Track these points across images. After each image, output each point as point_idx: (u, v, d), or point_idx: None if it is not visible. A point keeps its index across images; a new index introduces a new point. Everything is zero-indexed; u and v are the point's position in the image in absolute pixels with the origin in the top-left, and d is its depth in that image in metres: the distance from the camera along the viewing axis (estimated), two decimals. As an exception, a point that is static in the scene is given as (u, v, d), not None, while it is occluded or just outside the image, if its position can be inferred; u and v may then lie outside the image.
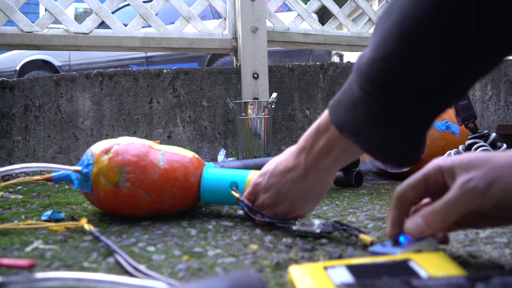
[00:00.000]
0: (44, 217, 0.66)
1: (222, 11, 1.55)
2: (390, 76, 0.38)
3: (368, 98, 0.41)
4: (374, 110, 0.41)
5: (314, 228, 0.52)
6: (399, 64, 0.37)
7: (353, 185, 1.06)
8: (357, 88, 0.42)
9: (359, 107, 0.42)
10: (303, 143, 0.52)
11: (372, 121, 0.42)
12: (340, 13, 1.68)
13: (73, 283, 0.36)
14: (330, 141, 0.48)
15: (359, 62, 0.42)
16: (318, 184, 0.53)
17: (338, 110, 0.45)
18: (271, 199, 0.56)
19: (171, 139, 1.45)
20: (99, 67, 3.74)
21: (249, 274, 0.31)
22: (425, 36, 0.36)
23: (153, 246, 0.52)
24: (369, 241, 0.49)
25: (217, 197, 0.67)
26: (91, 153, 0.65)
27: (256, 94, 1.46)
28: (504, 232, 0.58)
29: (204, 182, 0.67)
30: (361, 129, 0.43)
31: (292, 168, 0.54)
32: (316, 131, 0.50)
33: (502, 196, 0.35)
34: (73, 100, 1.38)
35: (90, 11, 1.44)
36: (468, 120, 0.84)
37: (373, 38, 0.41)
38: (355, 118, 0.43)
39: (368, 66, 0.39)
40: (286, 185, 0.54)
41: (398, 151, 0.44)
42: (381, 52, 0.38)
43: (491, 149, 0.79)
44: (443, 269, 0.35)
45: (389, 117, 0.41)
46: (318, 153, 0.50)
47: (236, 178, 0.66)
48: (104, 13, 1.44)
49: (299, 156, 0.53)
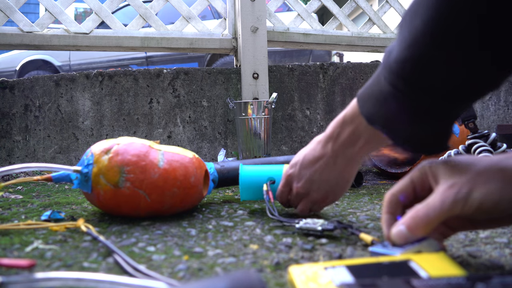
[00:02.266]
0: (44, 217, 0.66)
1: (222, 11, 1.55)
2: (421, 75, 0.39)
3: (399, 94, 0.42)
4: (406, 106, 0.42)
5: (316, 226, 0.54)
6: (430, 61, 0.38)
7: (353, 185, 1.06)
8: (386, 84, 0.43)
9: (389, 101, 0.43)
10: (330, 133, 0.55)
11: (403, 116, 0.43)
12: (340, 13, 1.68)
13: (73, 283, 0.36)
14: (356, 131, 0.51)
15: (388, 59, 0.43)
16: (346, 170, 0.56)
17: (367, 102, 0.47)
18: (304, 188, 0.60)
19: (171, 139, 1.45)
20: (99, 67, 3.74)
21: (249, 274, 0.31)
22: (456, 35, 0.36)
23: (153, 246, 0.52)
24: (369, 240, 0.49)
25: (256, 193, 0.70)
26: (91, 153, 0.65)
27: (256, 94, 1.46)
28: (504, 232, 0.58)
29: (242, 180, 0.70)
30: (391, 122, 0.45)
31: (321, 157, 0.57)
32: (342, 122, 0.53)
33: (484, 201, 0.36)
34: (73, 100, 1.38)
35: (90, 11, 1.43)
36: (468, 120, 0.84)
37: (400, 37, 0.41)
38: (385, 112, 0.44)
39: (399, 64, 0.40)
40: (316, 173, 0.58)
41: (426, 143, 0.45)
42: (412, 51, 0.39)
43: (491, 149, 0.79)
44: (443, 270, 0.35)
45: (421, 113, 0.42)
46: (344, 142, 0.53)
47: (272, 174, 0.69)
48: (104, 13, 1.44)
49: (326, 145, 0.56)
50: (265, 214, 0.71)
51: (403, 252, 0.40)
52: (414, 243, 0.41)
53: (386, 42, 1.72)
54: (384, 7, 1.74)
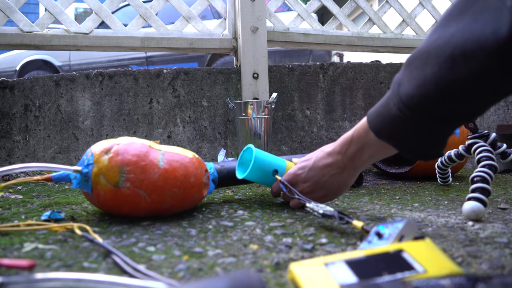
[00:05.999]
0: (44, 217, 0.66)
1: (222, 11, 1.55)
2: (426, 107, 0.50)
3: (405, 117, 0.52)
4: (410, 126, 0.53)
5: (318, 209, 0.60)
6: (434, 102, 0.49)
7: (353, 185, 1.06)
8: (395, 108, 0.53)
9: (395, 121, 0.54)
10: (339, 149, 0.67)
11: (406, 132, 0.54)
12: (340, 13, 1.67)
13: (73, 283, 0.36)
14: (362, 147, 0.63)
15: (398, 90, 0.53)
16: (350, 177, 0.69)
17: (375, 119, 0.58)
18: (309, 188, 0.72)
19: (171, 139, 1.45)
20: (99, 67, 3.74)
21: (249, 274, 0.31)
22: (455, 90, 0.47)
23: (153, 246, 0.52)
24: (360, 226, 0.53)
25: (261, 177, 0.78)
26: (91, 153, 0.65)
27: (256, 94, 1.46)
28: (504, 232, 0.58)
29: (256, 163, 0.77)
30: (396, 136, 0.56)
31: (330, 165, 0.69)
32: (350, 140, 0.64)
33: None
34: (73, 100, 1.38)
35: (90, 11, 1.44)
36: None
37: (410, 74, 0.51)
38: (391, 128, 0.55)
39: (408, 98, 0.51)
40: (324, 177, 0.70)
41: (425, 152, 0.56)
42: (421, 91, 0.49)
43: (491, 149, 0.79)
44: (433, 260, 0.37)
45: (422, 131, 0.53)
46: (352, 156, 0.65)
47: (277, 166, 0.79)
48: (104, 13, 1.44)
49: (336, 156, 0.68)
50: (265, 214, 0.71)
51: (389, 243, 0.43)
52: (395, 230, 0.44)
53: (386, 42, 1.72)
54: (384, 7, 1.74)
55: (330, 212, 0.59)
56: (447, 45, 0.46)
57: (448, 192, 0.99)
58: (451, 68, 0.45)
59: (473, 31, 0.43)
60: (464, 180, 1.19)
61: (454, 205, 0.80)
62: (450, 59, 0.45)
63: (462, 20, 0.45)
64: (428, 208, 0.78)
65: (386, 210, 0.76)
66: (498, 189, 1.02)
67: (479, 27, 0.42)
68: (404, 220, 0.45)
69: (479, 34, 0.42)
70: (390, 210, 0.76)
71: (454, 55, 0.45)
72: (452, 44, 0.45)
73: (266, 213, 0.72)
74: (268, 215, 0.70)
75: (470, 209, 0.66)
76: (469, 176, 1.27)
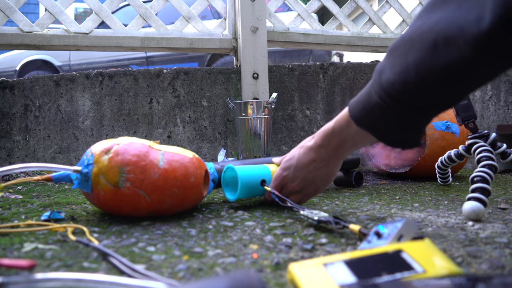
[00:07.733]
0: (44, 217, 0.66)
1: (222, 11, 1.55)
2: (406, 96, 0.50)
3: (385, 105, 0.52)
4: (390, 114, 0.53)
5: (313, 216, 0.60)
6: (414, 89, 0.49)
7: (353, 185, 1.06)
8: (376, 96, 0.53)
9: (375, 109, 0.54)
10: (321, 142, 0.67)
11: (386, 120, 0.54)
12: (340, 13, 1.67)
13: (72, 283, 0.36)
14: (344, 138, 0.63)
15: (379, 77, 0.52)
16: (335, 167, 0.70)
17: (356, 108, 0.57)
18: (299, 186, 0.72)
19: (171, 139, 1.45)
20: (99, 67, 3.74)
21: (249, 274, 0.31)
22: (435, 77, 0.47)
23: (153, 246, 0.52)
24: (357, 229, 0.53)
25: (251, 193, 0.76)
26: (91, 153, 0.65)
27: (256, 94, 1.46)
28: (504, 232, 0.58)
29: (242, 184, 0.74)
30: (376, 124, 0.56)
31: (315, 160, 0.69)
32: (332, 132, 0.64)
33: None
34: (73, 100, 1.38)
35: (90, 11, 1.44)
36: (468, 120, 0.83)
37: (392, 61, 0.51)
38: (371, 116, 0.55)
39: (389, 85, 0.51)
40: (311, 173, 0.70)
41: (404, 140, 0.56)
42: (402, 78, 0.49)
43: (491, 149, 0.79)
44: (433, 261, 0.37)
45: (401, 120, 0.53)
46: (335, 147, 0.65)
47: (263, 175, 0.76)
48: (104, 13, 1.43)
49: (320, 150, 0.67)
50: (265, 214, 0.71)
51: (388, 243, 0.42)
52: (394, 229, 0.44)
53: (386, 42, 1.72)
54: (384, 7, 1.74)
55: (325, 218, 0.58)
56: (431, 31, 0.45)
57: (448, 192, 0.99)
58: (433, 54, 0.45)
59: (457, 17, 0.43)
60: (464, 180, 1.19)
61: (454, 205, 0.80)
62: (432, 45, 0.45)
63: (446, 7, 0.45)
64: (428, 208, 0.78)
65: (386, 210, 0.76)
66: (498, 189, 1.02)
67: (463, 14, 0.42)
68: (403, 220, 0.45)
69: (463, 21, 0.42)
70: (390, 210, 0.76)
71: (437, 41, 0.44)
72: (436, 30, 0.45)
73: (266, 213, 0.72)
74: (268, 215, 0.70)
75: (470, 209, 0.66)
76: (469, 176, 1.27)
